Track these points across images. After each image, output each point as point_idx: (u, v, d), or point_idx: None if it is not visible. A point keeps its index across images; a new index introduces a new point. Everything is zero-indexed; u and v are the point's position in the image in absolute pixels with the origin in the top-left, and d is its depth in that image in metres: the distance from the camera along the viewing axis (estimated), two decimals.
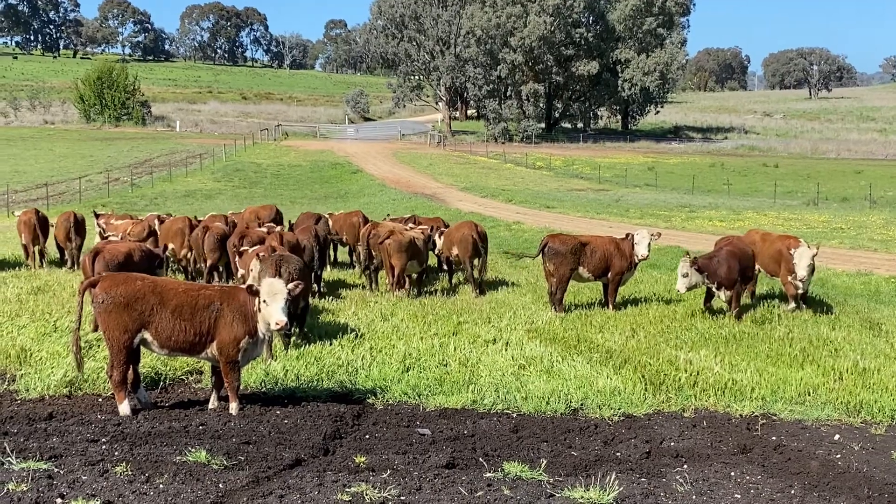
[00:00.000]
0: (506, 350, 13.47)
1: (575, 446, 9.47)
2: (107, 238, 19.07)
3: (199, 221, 21.76)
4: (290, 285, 10.35)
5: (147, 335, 10.06)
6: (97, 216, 24.10)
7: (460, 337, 14.28)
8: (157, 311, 10.01)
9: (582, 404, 11.03)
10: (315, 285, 18.60)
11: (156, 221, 22.35)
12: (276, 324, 10.05)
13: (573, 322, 16.04)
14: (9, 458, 7.79)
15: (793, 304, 17.66)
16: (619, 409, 10.89)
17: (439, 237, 21.18)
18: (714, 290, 16.75)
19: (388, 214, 27.66)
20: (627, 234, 18.48)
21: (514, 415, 10.72)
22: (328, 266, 22.60)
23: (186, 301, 10.14)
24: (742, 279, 16.70)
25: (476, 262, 19.88)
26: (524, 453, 9.06)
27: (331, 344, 13.35)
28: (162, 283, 10.48)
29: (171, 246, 20.31)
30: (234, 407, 10.25)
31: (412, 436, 9.60)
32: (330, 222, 23.20)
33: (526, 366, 12.56)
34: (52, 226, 23.28)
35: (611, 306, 17.65)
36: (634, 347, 13.86)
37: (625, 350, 13.62)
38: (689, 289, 16.54)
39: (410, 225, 22.37)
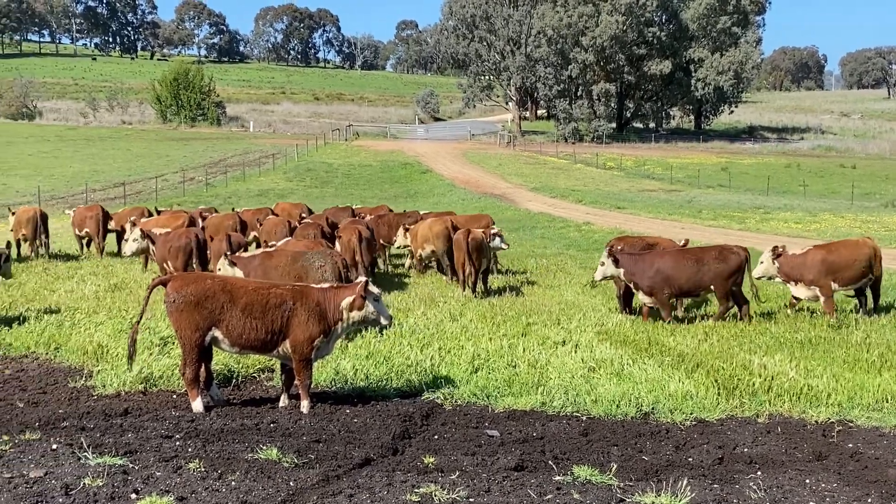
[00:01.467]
0: (575, 352, 13.35)
1: (646, 451, 9.34)
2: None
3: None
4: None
5: (218, 333, 10.20)
6: (158, 212, 25.57)
7: (529, 338, 14.22)
8: (227, 309, 10.15)
9: (653, 408, 10.87)
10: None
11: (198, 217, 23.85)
12: (390, 319, 10.94)
13: (644, 325, 15.88)
14: (85, 454, 7.95)
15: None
16: (691, 413, 10.71)
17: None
18: (632, 287, 16.71)
19: (404, 210, 28.63)
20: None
21: (584, 418, 10.61)
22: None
23: (257, 299, 10.27)
24: (672, 287, 16.27)
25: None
26: (594, 457, 8.97)
27: (400, 344, 13.40)
28: (231, 282, 10.66)
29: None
30: (305, 405, 10.37)
31: (481, 437, 9.57)
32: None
33: (596, 368, 12.43)
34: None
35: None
36: (707, 351, 13.65)
37: (697, 354, 13.41)
38: (604, 278, 16.90)
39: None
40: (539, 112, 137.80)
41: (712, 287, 16.32)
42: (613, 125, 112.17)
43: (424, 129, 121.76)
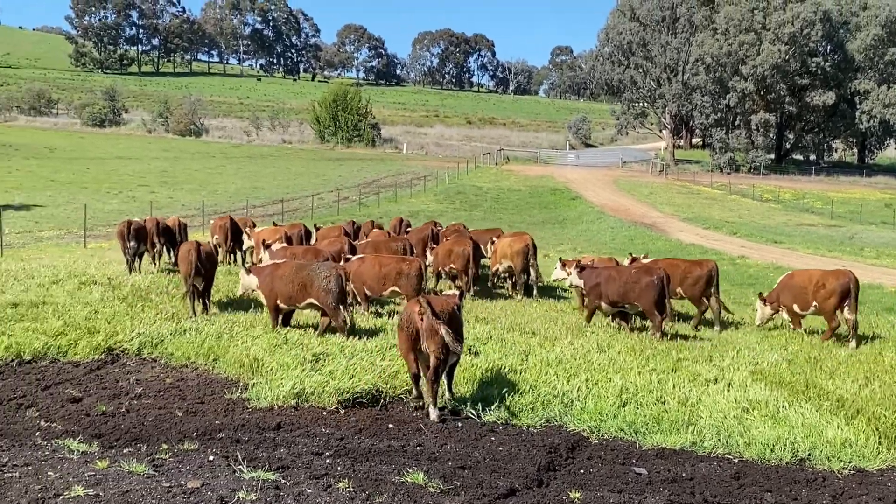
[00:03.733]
0: (728, 391, 12.94)
1: (801, 499, 8.99)
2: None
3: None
4: None
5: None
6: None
7: (679, 374, 13.86)
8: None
9: (809, 454, 10.46)
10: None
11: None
12: None
13: (801, 366, 15.29)
14: (240, 466, 8.19)
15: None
16: (849, 462, 10.26)
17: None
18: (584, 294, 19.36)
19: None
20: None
21: (736, 460, 10.29)
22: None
23: (457, 310, 11.68)
24: (611, 300, 18.31)
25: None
26: (746, 502, 8.69)
27: (546, 373, 13.28)
28: (447, 298, 11.90)
29: None
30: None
31: (628, 474, 9.39)
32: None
33: (749, 409, 12.02)
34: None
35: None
36: (868, 397, 13.01)
37: (857, 399, 12.80)
38: (571, 285, 20.37)
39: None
40: (693, 141, 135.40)
41: (636, 302, 18.03)
42: (772, 156, 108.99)
43: (575, 155, 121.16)
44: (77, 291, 19.01)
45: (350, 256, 20.01)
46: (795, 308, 19.20)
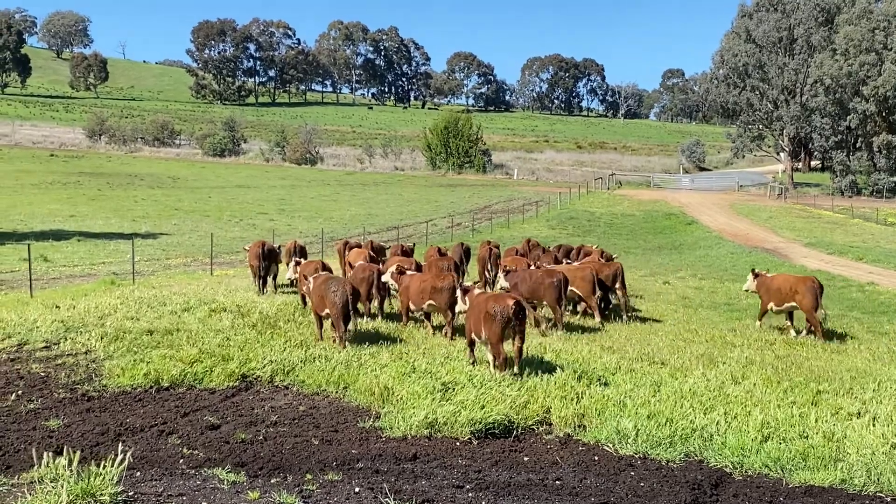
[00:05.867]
0: (874, 425, 12.39)
1: None
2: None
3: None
4: None
5: None
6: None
7: (821, 407, 13.34)
8: None
9: None
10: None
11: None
12: None
13: None
14: (387, 500, 8.18)
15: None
16: None
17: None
18: None
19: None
20: None
21: (889, 499, 9.85)
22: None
23: None
24: (525, 297, 19.49)
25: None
26: None
27: (681, 406, 12.95)
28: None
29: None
30: None
31: None
32: None
33: None
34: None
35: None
36: None
37: None
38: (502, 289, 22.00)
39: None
40: (812, 163, 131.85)
41: (542, 298, 21.17)
42: (895, 179, 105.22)
43: (689, 178, 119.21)
44: (208, 318, 19.45)
45: (404, 269, 21.18)
46: (772, 303, 22.57)
